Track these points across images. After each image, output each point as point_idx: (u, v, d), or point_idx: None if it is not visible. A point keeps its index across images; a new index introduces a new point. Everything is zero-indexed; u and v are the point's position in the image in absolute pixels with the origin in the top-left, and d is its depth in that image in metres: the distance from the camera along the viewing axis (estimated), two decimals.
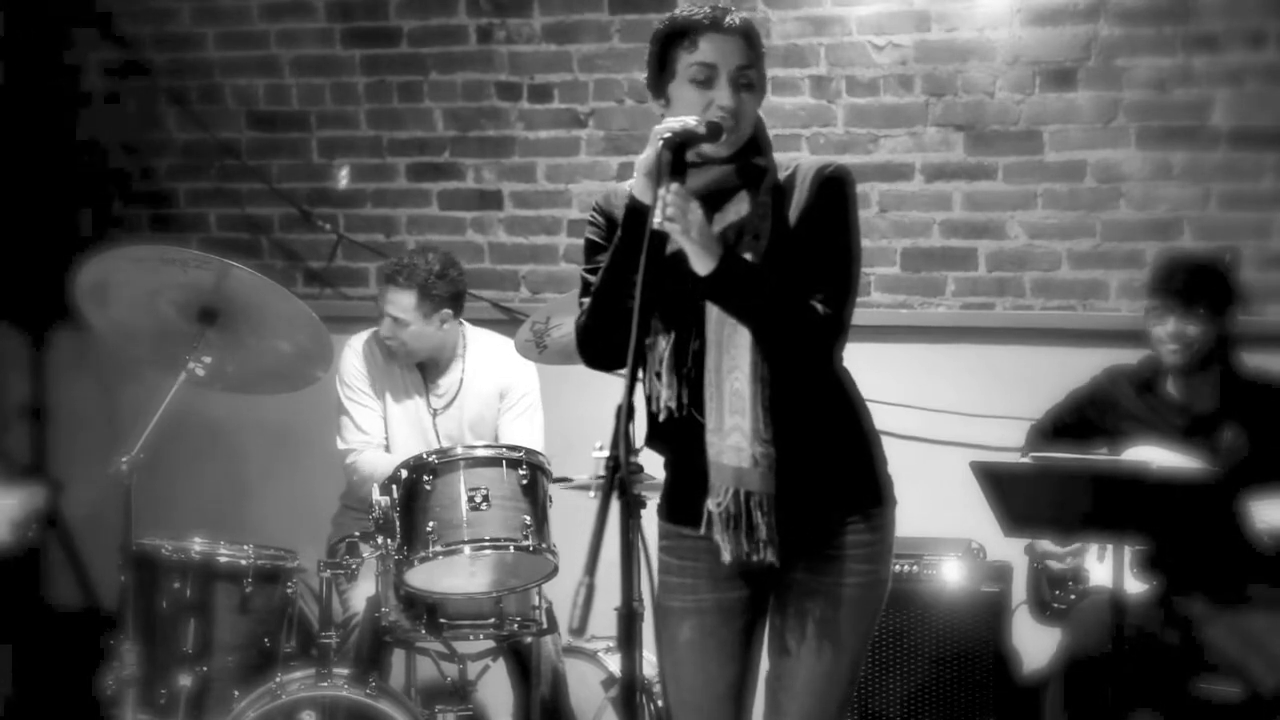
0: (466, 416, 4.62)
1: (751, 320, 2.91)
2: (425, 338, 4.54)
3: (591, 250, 3.09)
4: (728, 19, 2.95)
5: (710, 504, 2.99)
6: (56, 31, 5.87)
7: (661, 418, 3.01)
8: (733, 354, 2.94)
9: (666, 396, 3.00)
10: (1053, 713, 4.12)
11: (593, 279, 3.02)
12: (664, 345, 2.99)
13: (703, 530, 3.01)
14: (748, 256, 2.93)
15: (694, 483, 3.02)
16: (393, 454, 4.51)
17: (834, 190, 2.98)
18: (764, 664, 3.17)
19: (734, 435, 2.94)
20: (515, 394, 4.64)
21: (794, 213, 2.98)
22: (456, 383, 4.63)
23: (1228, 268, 4.31)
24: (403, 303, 4.48)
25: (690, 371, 2.98)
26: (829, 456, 3.03)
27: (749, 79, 2.96)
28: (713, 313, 2.96)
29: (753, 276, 2.91)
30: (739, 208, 2.97)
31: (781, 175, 3.01)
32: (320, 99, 5.64)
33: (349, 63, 5.60)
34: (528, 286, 5.46)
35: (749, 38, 2.97)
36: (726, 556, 2.99)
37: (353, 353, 4.61)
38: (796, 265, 2.94)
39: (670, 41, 2.96)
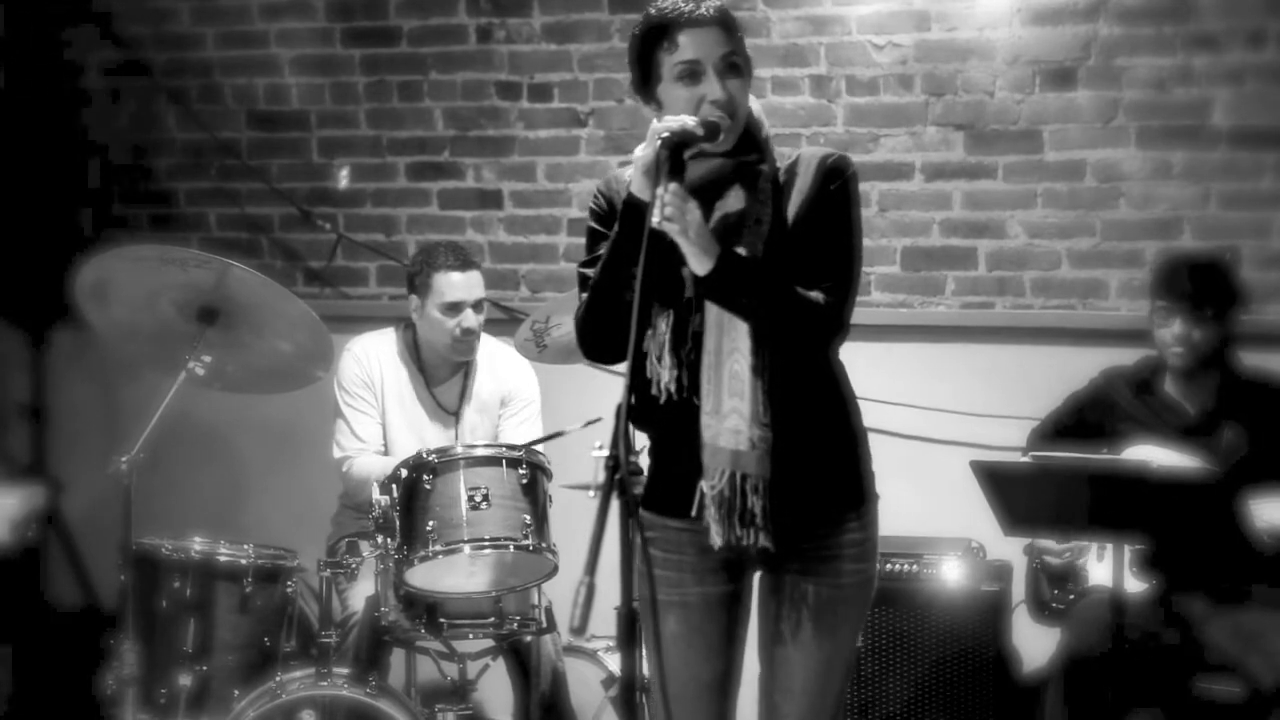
0: (468, 421, 4.61)
1: (752, 317, 2.91)
2: None
3: (593, 238, 3.07)
4: (701, 9, 2.92)
5: (704, 486, 2.97)
6: (56, 31, 5.88)
7: (662, 400, 3.00)
8: (733, 336, 2.93)
9: (666, 379, 2.99)
10: (1053, 712, 4.12)
11: (590, 273, 3.02)
12: (664, 327, 2.99)
13: (694, 512, 2.99)
14: (749, 244, 2.92)
15: (683, 469, 3.01)
16: (389, 457, 4.49)
17: (836, 180, 2.98)
18: (758, 665, 3.17)
19: (732, 418, 2.93)
20: (518, 401, 4.63)
21: (795, 202, 2.97)
22: (460, 386, 4.63)
23: (1231, 268, 4.31)
24: (479, 281, 4.50)
25: (690, 353, 2.98)
26: (819, 449, 3.03)
27: (734, 64, 2.94)
28: None
29: (752, 274, 2.90)
30: (739, 196, 2.97)
31: (782, 164, 3.01)
32: (320, 99, 5.65)
33: (349, 62, 5.61)
34: (527, 286, 5.46)
35: (725, 23, 2.94)
36: (716, 540, 2.98)
37: (351, 357, 4.59)
38: (798, 256, 2.94)
39: (649, 43, 2.95)
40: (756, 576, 3.15)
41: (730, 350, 2.94)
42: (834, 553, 3.04)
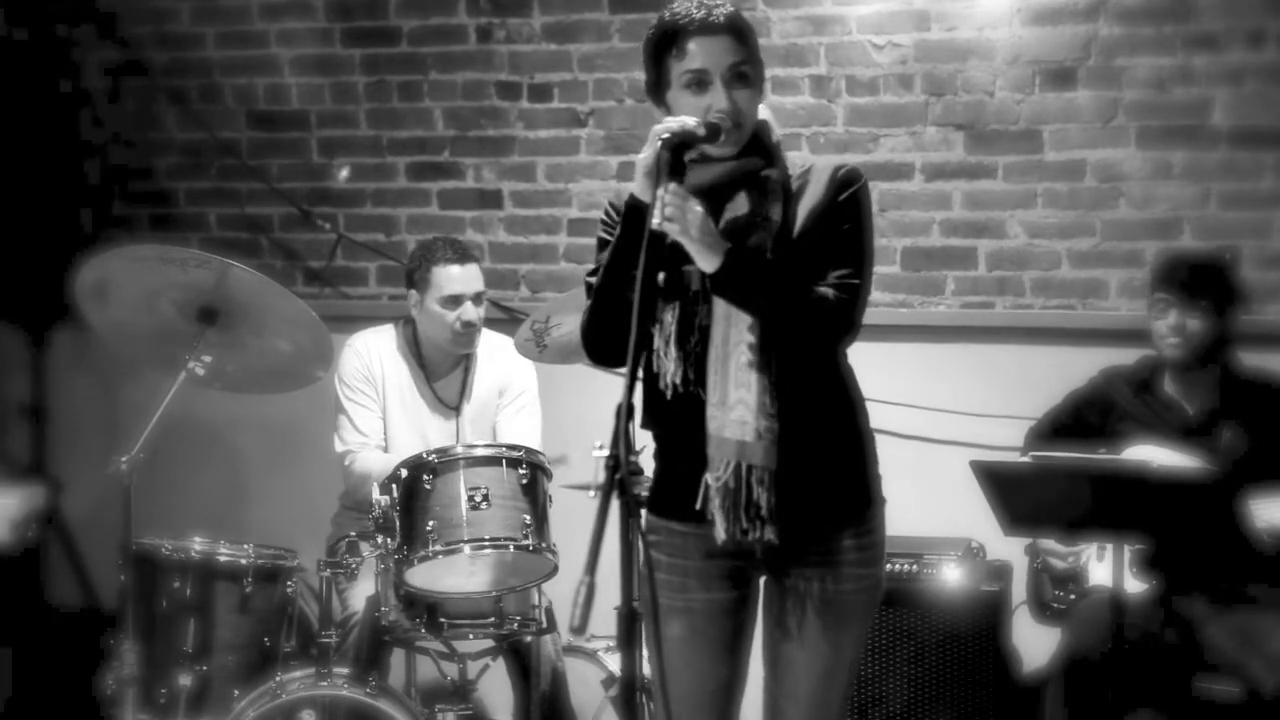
0: (468, 415, 4.62)
1: (761, 313, 2.91)
2: None
3: (602, 250, 3.07)
4: (712, 16, 2.91)
5: (709, 478, 2.96)
6: (56, 31, 5.87)
7: (668, 394, 2.99)
8: (740, 329, 2.93)
9: (672, 371, 2.98)
10: (1053, 713, 4.12)
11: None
12: (670, 320, 2.98)
13: (698, 505, 2.99)
14: (757, 244, 2.92)
15: (689, 467, 3.00)
16: (391, 454, 4.50)
17: (846, 190, 2.97)
18: (760, 670, 3.16)
19: (738, 409, 2.92)
20: (513, 391, 4.64)
21: (806, 210, 2.97)
22: (460, 381, 4.63)
23: (1230, 266, 4.31)
24: (478, 274, 4.52)
25: (696, 346, 2.98)
26: (826, 448, 3.02)
27: (743, 74, 2.94)
28: None
29: (760, 270, 2.90)
30: (747, 200, 2.96)
31: (794, 173, 3.01)
32: (320, 98, 5.65)
33: (349, 62, 5.61)
34: (528, 286, 5.46)
35: (737, 31, 2.93)
36: (721, 535, 2.97)
37: (353, 353, 4.60)
38: (807, 262, 2.93)
39: (660, 48, 2.95)
40: (762, 582, 3.15)
41: (737, 342, 2.93)
42: (839, 556, 3.03)
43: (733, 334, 2.94)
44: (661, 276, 2.92)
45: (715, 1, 2.94)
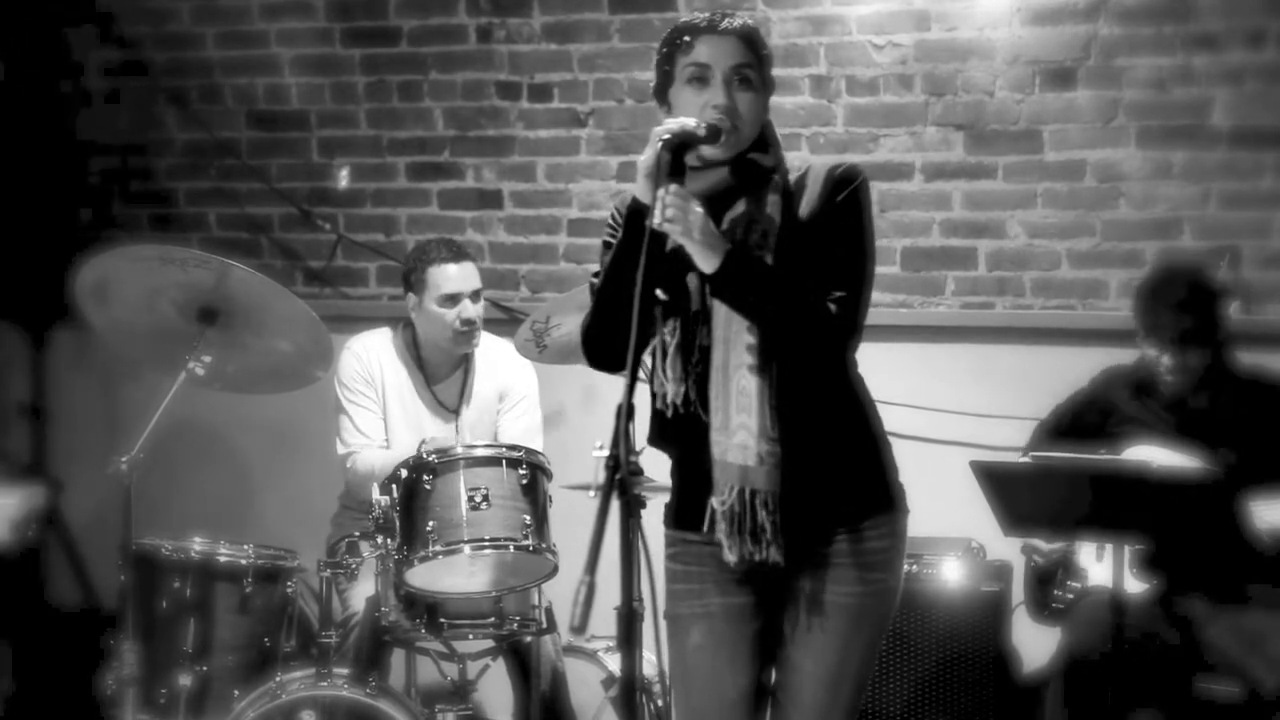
0: (468, 418, 4.62)
1: (761, 317, 2.90)
2: None
3: (607, 253, 3.07)
4: (724, 22, 2.96)
5: (714, 502, 2.96)
6: (56, 31, 5.88)
7: (669, 414, 3.00)
8: (739, 350, 2.92)
9: (673, 392, 2.98)
10: (1053, 713, 4.12)
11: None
12: (670, 340, 2.98)
13: (705, 528, 2.99)
14: (757, 249, 2.91)
15: (698, 484, 3.00)
16: (392, 451, 4.49)
17: (845, 188, 2.96)
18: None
19: (740, 433, 2.92)
20: (515, 395, 4.64)
21: (804, 211, 2.96)
22: (459, 384, 4.63)
23: (1208, 280, 4.24)
24: (475, 271, 4.53)
25: (698, 367, 2.98)
26: (837, 460, 3.01)
27: (746, 77, 2.95)
28: (720, 309, 2.94)
29: (760, 272, 2.89)
30: (747, 204, 2.96)
31: (793, 176, 3.01)
32: (320, 98, 5.65)
33: (349, 62, 5.61)
34: (528, 286, 5.46)
35: (747, 39, 2.98)
36: (731, 557, 2.97)
37: (352, 355, 4.60)
38: (807, 264, 2.93)
39: (671, 48, 2.98)
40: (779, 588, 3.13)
41: (738, 365, 2.92)
42: (852, 560, 3.02)
43: (732, 357, 2.93)
44: (663, 296, 2.91)
45: (732, 12, 3.00)
